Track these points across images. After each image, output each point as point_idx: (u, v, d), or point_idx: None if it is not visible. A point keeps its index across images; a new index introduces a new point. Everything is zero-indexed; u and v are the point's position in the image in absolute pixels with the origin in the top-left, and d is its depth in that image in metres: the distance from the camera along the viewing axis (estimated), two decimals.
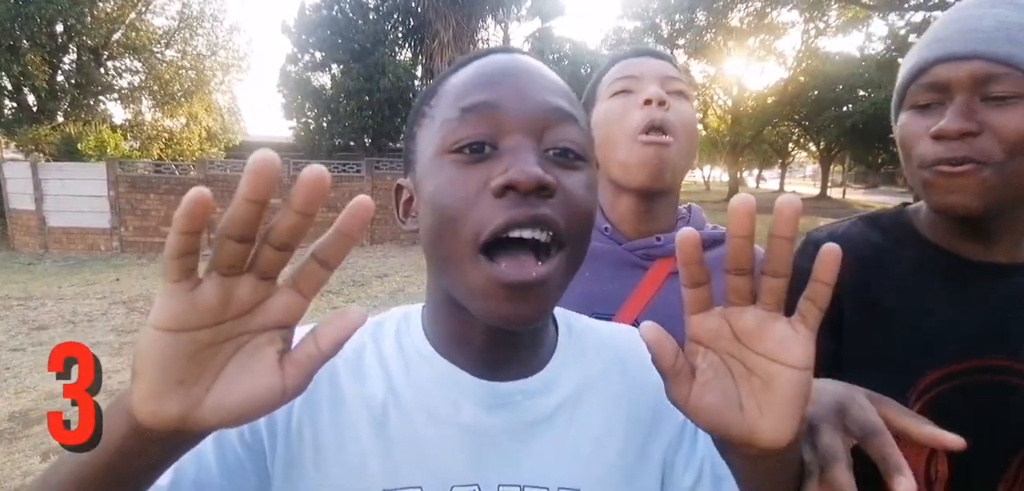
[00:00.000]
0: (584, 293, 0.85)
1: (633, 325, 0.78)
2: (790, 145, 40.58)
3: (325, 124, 15.32)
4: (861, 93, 24.84)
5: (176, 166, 12.55)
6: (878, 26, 20.77)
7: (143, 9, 15.67)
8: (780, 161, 45.82)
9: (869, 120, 23.25)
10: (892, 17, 17.63)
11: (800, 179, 61.75)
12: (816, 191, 36.68)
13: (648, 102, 0.86)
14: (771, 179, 50.69)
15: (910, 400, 0.71)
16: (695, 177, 64.73)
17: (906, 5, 14.88)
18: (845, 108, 25.15)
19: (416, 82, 17.37)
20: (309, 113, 15.44)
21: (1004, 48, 0.62)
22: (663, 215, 0.93)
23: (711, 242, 0.91)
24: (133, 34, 15.48)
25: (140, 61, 16.15)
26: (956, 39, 0.65)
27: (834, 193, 37.20)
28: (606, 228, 0.92)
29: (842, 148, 30.50)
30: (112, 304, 6.72)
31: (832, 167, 37.18)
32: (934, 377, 0.70)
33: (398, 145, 18.63)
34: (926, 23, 17.31)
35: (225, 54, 17.53)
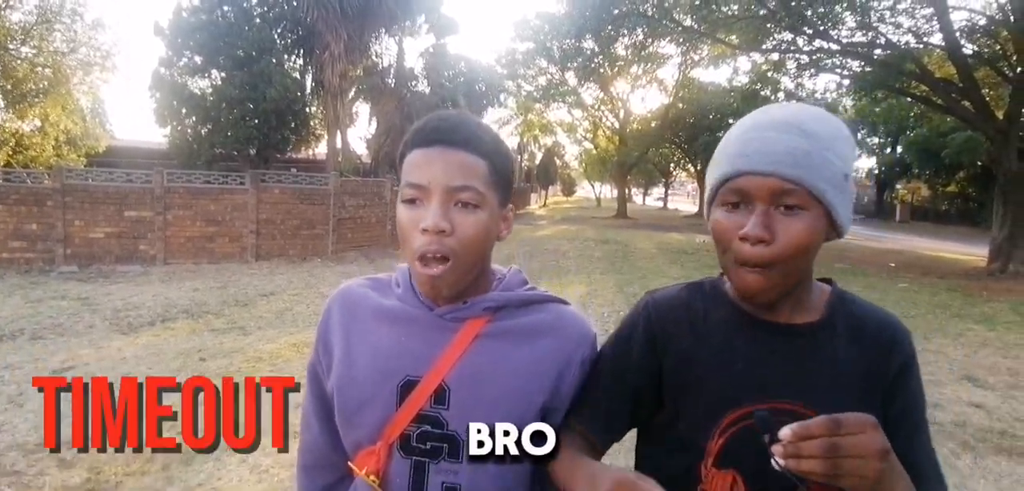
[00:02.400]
0: (399, 356, 0.93)
1: (441, 385, 0.91)
2: (672, 166, 43.66)
3: (204, 132, 14.44)
4: (730, 121, 27.28)
5: (28, 174, 11.31)
6: (744, 62, 23.00)
7: (3, 5, 14.04)
8: (664, 180, 49.10)
9: None
10: (754, 55, 19.63)
11: (683, 197, 66.16)
12: (695, 209, 39.72)
13: (425, 230, 0.86)
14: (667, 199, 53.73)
15: (714, 436, 0.85)
16: (587, 193, 67.66)
17: (763, 47, 16.68)
18: (718, 134, 27.50)
19: (306, 94, 16.84)
20: (186, 119, 14.49)
21: (793, 171, 0.78)
22: (471, 289, 0.96)
23: (520, 303, 0.98)
24: None
25: None
26: (758, 159, 0.79)
27: None
28: (421, 295, 0.96)
29: None
30: None
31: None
32: (734, 416, 0.84)
33: (286, 157, 17.95)
34: (783, 61, 19.52)
35: (87, 51, 16.00)
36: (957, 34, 12.61)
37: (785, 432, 0.65)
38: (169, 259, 10.63)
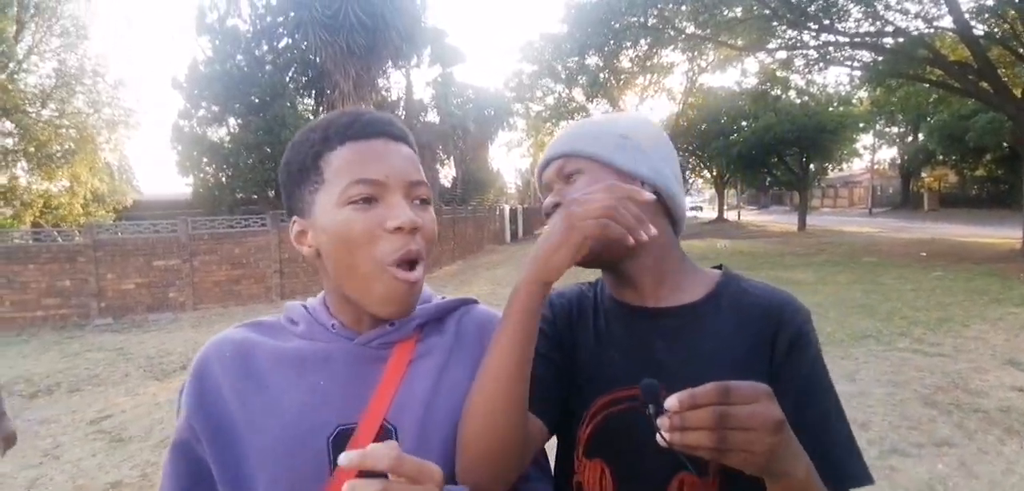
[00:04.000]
0: (322, 404, 0.76)
1: (384, 425, 0.75)
2: (687, 173, 43.44)
3: (224, 179, 14.84)
4: (743, 123, 27.18)
5: (58, 232, 11.66)
6: (751, 63, 22.88)
7: (16, 69, 14.61)
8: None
9: (752, 147, 25.44)
10: (761, 55, 19.52)
11: (702, 202, 65.78)
12: (715, 214, 39.36)
13: (400, 229, 0.73)
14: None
15: (585, 421, 0.84)
16: None
17: (769, 47, 16.61)
18: (731, 137, 27.42)
19: None
20: (207, 168, 14.90)
21: (563, 147, 0.88)
22: None
23: (440, 315, 0.87)
24: (3, 95, 14.38)
25: (12, 122, 14.98)
26: (548, 152, 0.91)
27: (731, 215, 39.98)
28: (333, 325, 0.81)
29: (733, 173, 33.04)
30: None
31: (726, 191, 40.05)
32: (603, 402, 0.82)
33: None
34: (790, 60, 19.42)
35: (110, 111, 16.55)
36: (966, 16, 12.43)
37: (672, 401, 0.59)
38: (198, 304, 10.84)
